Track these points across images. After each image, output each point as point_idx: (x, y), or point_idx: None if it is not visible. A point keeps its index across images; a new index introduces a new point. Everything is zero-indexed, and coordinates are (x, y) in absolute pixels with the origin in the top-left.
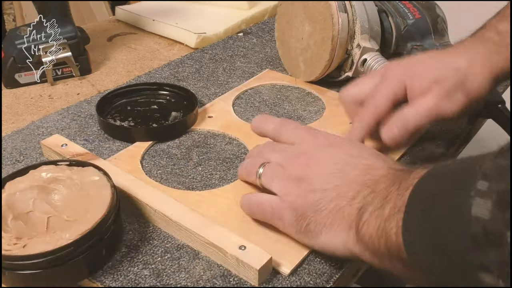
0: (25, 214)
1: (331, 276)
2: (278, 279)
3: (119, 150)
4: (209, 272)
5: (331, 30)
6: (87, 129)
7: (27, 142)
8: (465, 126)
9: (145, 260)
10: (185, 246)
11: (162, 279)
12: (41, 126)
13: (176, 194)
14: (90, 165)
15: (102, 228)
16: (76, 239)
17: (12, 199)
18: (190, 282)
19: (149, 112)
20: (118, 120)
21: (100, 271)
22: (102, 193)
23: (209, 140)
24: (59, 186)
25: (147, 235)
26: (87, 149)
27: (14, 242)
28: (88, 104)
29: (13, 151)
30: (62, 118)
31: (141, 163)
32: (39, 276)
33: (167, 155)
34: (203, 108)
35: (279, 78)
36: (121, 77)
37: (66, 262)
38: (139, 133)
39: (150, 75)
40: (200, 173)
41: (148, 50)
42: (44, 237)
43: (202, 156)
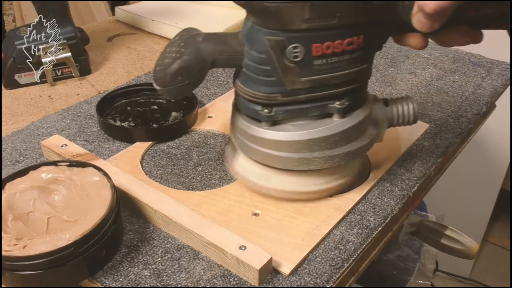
0: (25, 214)
1: (331, 276)
2: (278, 279)
3: (119, 150)
4: (209, 272)
5: None
6: (87, 130)
7: (27, 142)
8: (465, 126)
9: (145, 260)
10: (185, 246)
11: (162, 279)
12: (41, 127)
13: (176, 194)
14: (90, 165)
15: (102, 228)
16: (76, 239)
17: (12, 200)
18: (190, 282)
19: (149, 113)
20: (118, 120)
21: (100, 271)
22: (102, 194)
23: (209, 140)
24: (59, 186)
25: (147, 235)
26: (87, 149)
27: (14, 243)
28: (88, 104)
29: (13, 152)
30: (62, 118)
31: (141, 163)
32: (39, 276)
33: (167, 156)
34: (203, 108)
35: None
36: (121, 78)
37: (66, 263)
38: (139, 134)
39: (150, 75)
40: (200, 173)
41: (148, 50)
42: (44, 238)
43: (202, 156)
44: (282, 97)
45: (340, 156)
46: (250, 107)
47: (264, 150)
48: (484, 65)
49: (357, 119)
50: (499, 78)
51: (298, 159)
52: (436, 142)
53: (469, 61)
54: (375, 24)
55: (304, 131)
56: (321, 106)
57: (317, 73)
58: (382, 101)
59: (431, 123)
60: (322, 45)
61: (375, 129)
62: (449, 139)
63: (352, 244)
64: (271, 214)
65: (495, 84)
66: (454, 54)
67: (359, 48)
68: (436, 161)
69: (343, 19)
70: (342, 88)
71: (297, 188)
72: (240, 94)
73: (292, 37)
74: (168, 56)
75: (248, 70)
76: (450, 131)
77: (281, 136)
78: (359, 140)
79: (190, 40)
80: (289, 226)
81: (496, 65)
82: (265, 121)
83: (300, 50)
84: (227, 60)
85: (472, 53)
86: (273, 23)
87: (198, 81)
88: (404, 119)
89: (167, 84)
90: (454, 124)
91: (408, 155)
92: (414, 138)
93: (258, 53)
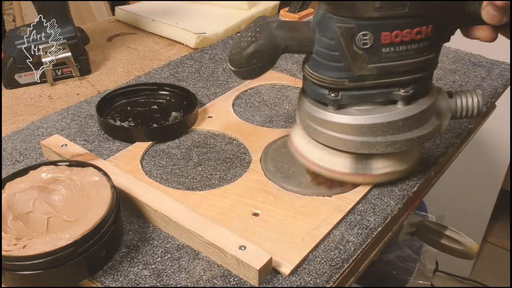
0: (25, 214)
1: (331, 276)
2: (278, 279)
3: (119, 150)
4: (209, 272)
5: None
6: (87, 130)
7: (27, 142)
8: (465, 126)
9: (145, 260)
10: (185, 246)
11: (162, 279)
12: (41, 127)
13: (176, 194)
14: (90, 165)
15: (102, 228)
16: (76, 239)
17: (12, 200)
18: (190, 282)
19: (149, 112)
20: (118, 120)
21: (100, 271)
22: (102, 194)
23: (209, 140)
24: (59, 186)
25: (147, 235)
26: (87, 149)
27: (14, 243)
28: (88, 104)
29: (13, 152)
30: (62, 118)
31: (141, 163)
32: (39, 276)
33: (167, 155)
34: (203, 108)
35: (279, 78)
36: (121, 77)
37: (66, 263)
38: (139, 133)
39: (150, 75)
40: (200, 173)
41: (148, 50)
42: (44, 238)
43: (202, 156)
44: (349, 82)
45: (402, 142)
46: (317, 91)
47: (329, 133)
48: (484, 65)
49: (421, 108)
50: (499, 78)
51: (361, 142)
52: (436, 142)
53: (469, 61)
54: (444, 15)
55: (368, 116)
56: (386, 93)
57: (384, 60)
58: (446, 93)
59: None
60: (391, 34)
61: (438, 119)
62: (449, 139)
63: (352, 244)
64: (271, 214)
65: (495, 84)
66: (454, 54)
67: (427, 38)
68: (436, 161)
69: (413, 8)
70: (408, 76)
71: (382, 171)
72: (308, 78)
73: (362, 25)
74: (244, 40)
75: (318, 56)
76: (450, 131)
77: (346, 120)
78: (421, 128)
79: (264, 26)
80: (289, 226)
81: (496, 66)
82: (332, 105)
83: (369, 38)
84: (298, 46)
85: (472, 53)
86: (344, 11)
87: (270, 64)
88: (468, 111)
89: (242, 66)
90: (454, 124)
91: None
92: None
93: (328, 39)
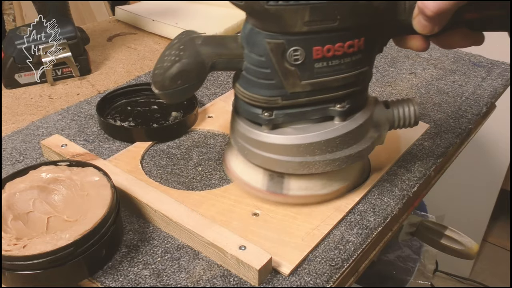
0: (25, 214)
1: (331, 276)
2: (278, 279)
3: (119, 150)
4: (209, 272)
5: None
6: (87, 129)
7: (27, 142)
8: (465, 126)
9: (145, 260)
10: (185, 246)
11: (162, 279)
12: (41, 127)
13: (176, 194)
14: (90, 165)
15: (102, 228)
16: (76, 239)
17: (12, 200)
18: (190, 282)
19: (149, 112)
20: (118, 120)
21: (100, 271)
22: (102, 193)
23: (209, 140)
24: (59, 186)
25: (147, 235)
26: (87, 149)
27: (14, 243)
28: (88, 104)
29: (13, 152)
30: (62, 118)
31: (141, 163)
32: (39, 276)
33: (167, 155)
34: (203, 108)
35: None
36: (121, 77)
37: (66, 263)
38: (139, 133)
39: (150, 75)
40: (200, 173)
41: (148, 50)
42: (44, 238)
43: (202, 156)
44: (282, 100)
45: (342, 160)
46: (250, 110)
47: (265, 154)
48: (484, 65)
49: (358, 122)
50: (499, 78)
51: (299, 163)
52: (436, 142)
53: (469, 62)
54: (376, 27)
55: (305, 135)
56: (321, 109)
57: (317, 76)
58: (382, 104)
59: (431, 123)
60: (322, 48)
61: (376, 132)
62: (449, 139)
63: (352, 244)
64: (271, 214)
65: (495, 84)
66: (454, 55)
67: (360, 51)
68: (436, 161)
69: (343, 21)
70: (343, 91)
71: (298, 192)
72: (240, 97)
73: (292, 40)
74: (167, 59)
75: (248, 73)
76: (450, 131)
77: (282, 140)
78: (360, 143)
79: (189, 43)
80: (289, 226)
81: (496, 66)
82: (266, 125)
83: (300, 53)
84: (226, 63)
85: (472, 54)
86: (273, 26)
87: (198, 84)
88: (405, 121)
89: (166, 88)
90: (454, 125)
91: (408, 155)
92: (414, 138)
93: (258, 56)
